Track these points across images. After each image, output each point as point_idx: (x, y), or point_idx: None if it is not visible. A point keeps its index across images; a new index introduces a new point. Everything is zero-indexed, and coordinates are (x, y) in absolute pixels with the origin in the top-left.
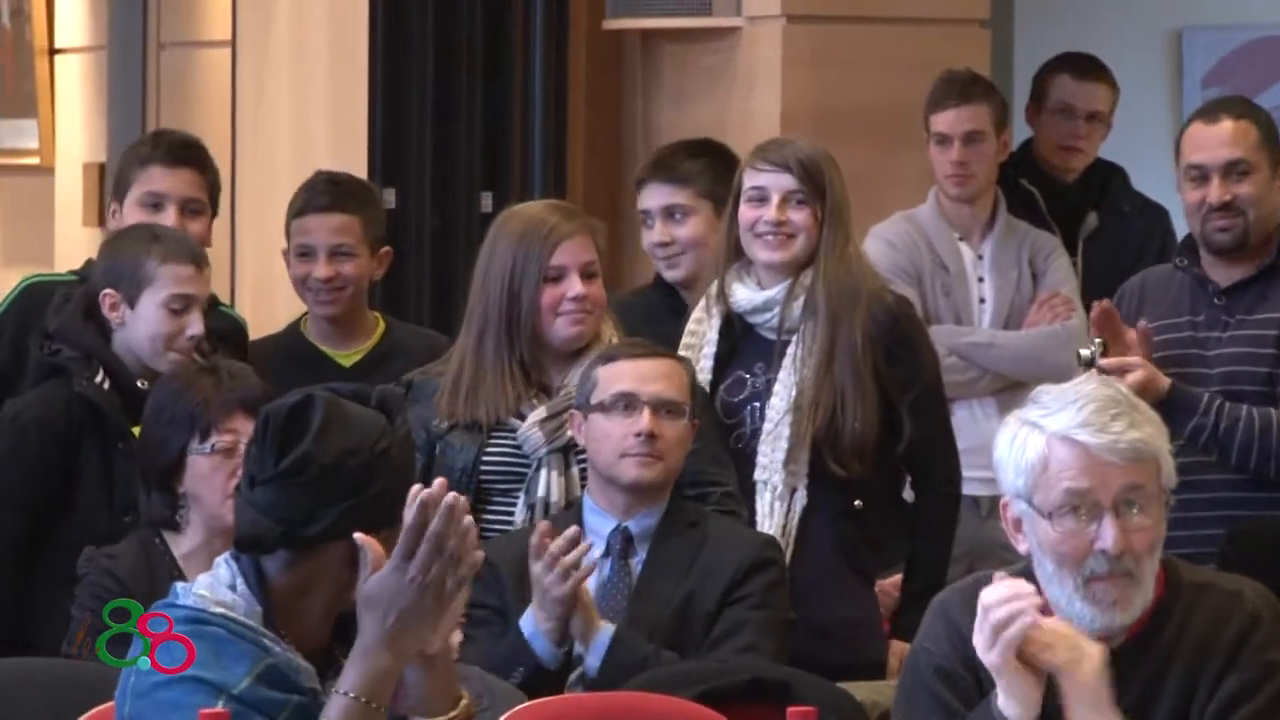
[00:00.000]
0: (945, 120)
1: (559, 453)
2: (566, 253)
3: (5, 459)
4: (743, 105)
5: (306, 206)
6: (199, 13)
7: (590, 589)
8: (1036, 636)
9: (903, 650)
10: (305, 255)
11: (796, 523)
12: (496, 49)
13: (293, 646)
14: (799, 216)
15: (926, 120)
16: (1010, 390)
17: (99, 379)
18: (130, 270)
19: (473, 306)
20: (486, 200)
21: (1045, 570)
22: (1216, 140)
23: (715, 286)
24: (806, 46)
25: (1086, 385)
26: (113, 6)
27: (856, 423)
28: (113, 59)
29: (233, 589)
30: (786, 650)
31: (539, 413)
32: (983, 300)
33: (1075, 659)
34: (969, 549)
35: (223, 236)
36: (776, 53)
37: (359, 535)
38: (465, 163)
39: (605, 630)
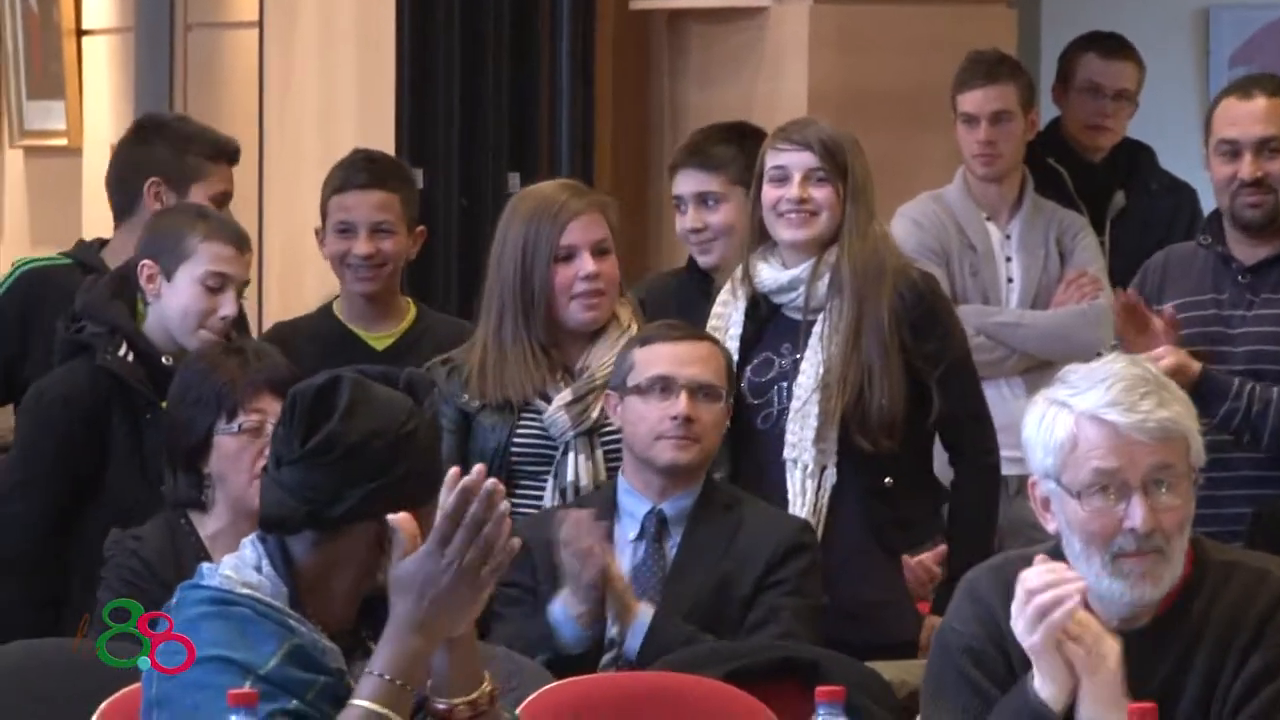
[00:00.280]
0: (972, 100)
1: (585, 435)
2: (576, 231)
3: (34, 438)
4: (770, 86)
5: (346, 183)
6: None
7: (624, 572)
8: (1068, 625)
9: None
10: (345, 232)
11: (827, 501)
12: (523, 29)
13: (318, 628)
14: (821, 194)
15: (954, 100)
16: (1038, 370)
17: (122, 352)
18: (172, 243)
19: (489, 289)
20: (514, 181)
21: (1073, 549)
22: (1250, 116)
23: (740, 269)
24: (833, 27)
25: (1115, 364)
26: None
27: (884, 399)
28: (140, 40)
29: (258, 570)
30: (819, 636)
31: (564, 396)
32: (1010, 280)
33: (1097, 652)
34: (997, 528)
35: (250, 218)
36: (804, 33)
37: (392, 516)
38: (493, 143)
39: (645, 612)
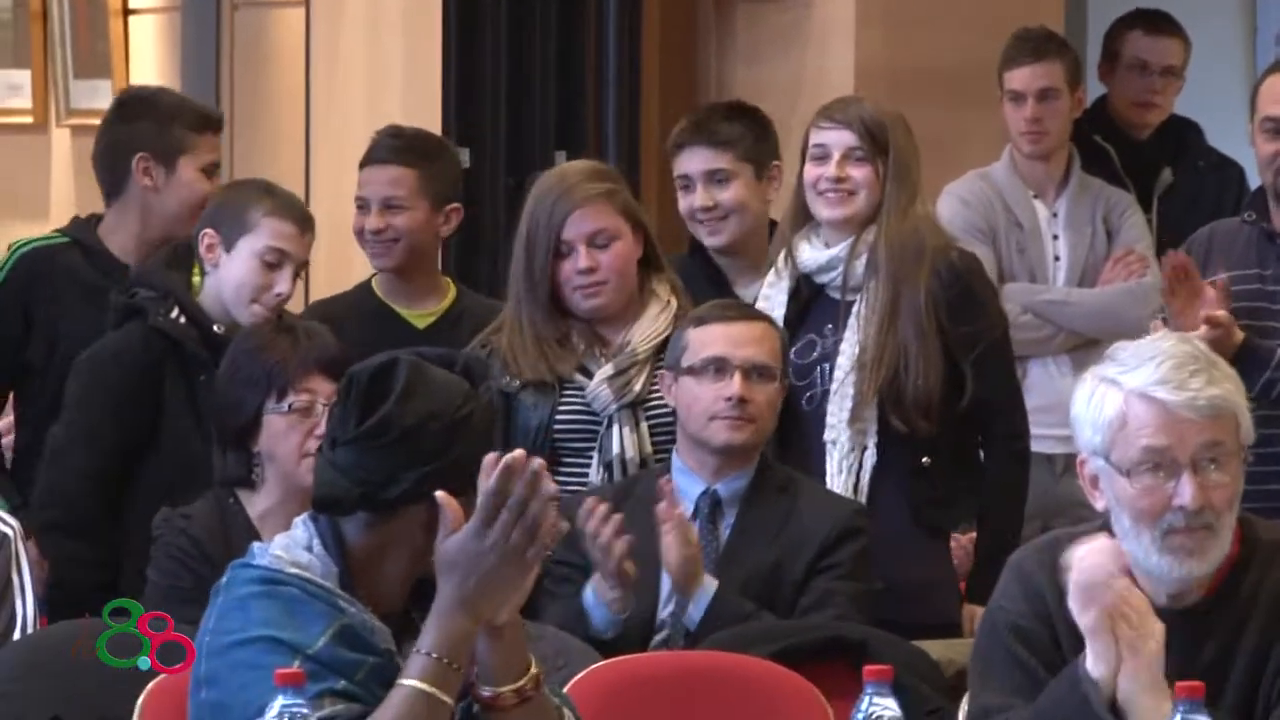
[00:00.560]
0: (1019, 78)
1: (629, 408)
2: (572, 226)
3: (86, 397)
4: (817, 63)
5: (366, 159)
6: None
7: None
8: (1118, 604)
9: (975, 615)
10: (363, 207)
11: (868, 482)
12: (570, 6)
13: (369, 609)
14: (859, 173)
15: (1000, 78)
16: (1084, 348)
17: (175, 314)
18: (235, 214)
19: (510, 274)
20: (560, 159)
21: (1123, 526)
22: None
23: (784, 253)
24: (880, 4)
25: (1164, 342)
26: None
27: (920, 380)
28: (186, 19)
29: (309, 550)
30: (871, 620)
31: (606, 370)
32: (1057, 258)
33: (1142, 635)
34: (1042, 507)
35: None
36: (850, 11)
37: (440, 494)
38: (539, 123)
39: (709, 584)
